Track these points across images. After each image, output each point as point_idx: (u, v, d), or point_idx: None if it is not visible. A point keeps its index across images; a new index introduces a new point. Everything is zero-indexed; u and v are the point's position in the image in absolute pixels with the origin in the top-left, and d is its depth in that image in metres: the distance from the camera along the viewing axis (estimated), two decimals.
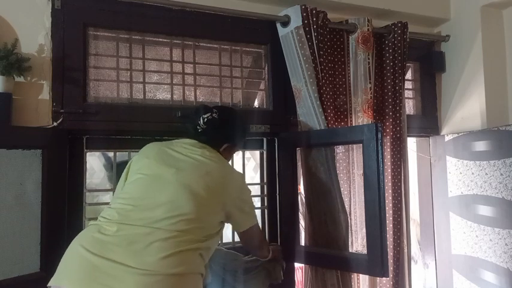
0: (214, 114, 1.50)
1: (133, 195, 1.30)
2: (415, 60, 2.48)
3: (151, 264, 1.12)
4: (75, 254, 1.18)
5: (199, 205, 1.27)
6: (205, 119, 1.48)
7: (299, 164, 2.03)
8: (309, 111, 1.94)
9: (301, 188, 2.12)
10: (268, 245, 1.76)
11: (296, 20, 1.95)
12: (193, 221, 1.24)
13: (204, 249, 1.28)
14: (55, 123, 1.67)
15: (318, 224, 1.93)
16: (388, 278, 2.10)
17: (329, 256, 1.86)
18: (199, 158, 1.38)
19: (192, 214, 1.24)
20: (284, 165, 2.04)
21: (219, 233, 1.40)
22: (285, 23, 2.01)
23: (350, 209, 2.07)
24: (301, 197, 2.20)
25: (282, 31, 2.03)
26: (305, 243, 2.00)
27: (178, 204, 1.25)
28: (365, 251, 1.78)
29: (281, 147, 2.07)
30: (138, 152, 1.50)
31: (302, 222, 2.13)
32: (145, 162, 1.38)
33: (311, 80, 1.92)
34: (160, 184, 1.30)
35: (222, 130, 1.52)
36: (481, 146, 2.14)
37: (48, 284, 1.17)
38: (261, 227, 2.10)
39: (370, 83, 2.09)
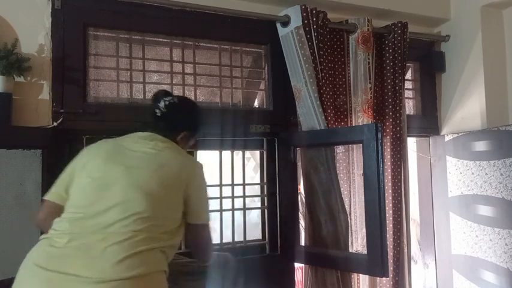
0: (175, 99, 1.46)
1: (83, 202, 1.22)
2: (415, 60, 2.48)
3: (106, 270, 1.07)
4: (29, 272, 1.13)
5: (154, 202, 1.21)
6: (167, 102, 1.42)
7: (299, 164, 2.03)
8: (309, 111, 1.94)
9: (301, 188, 2.12)
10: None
11: (296, 20, 1.95)
12: (150, 218, 1.18)
13: (167, 246, 1.23)
14: (55, 123, 1.67)
15: (317, 224, 1.93)
16: (388, 278, 2.10)
17: (329, 256, 1.86)
18: (151, 151, 1.31)
19: (147, 212, 1.18)
20: (284, 165, 2.04)
21: (182, 225, 1.33)
22: (285, 23, 2.01)
23: (350, 209, 2.07)
24: (301, 197, 2.20)
25: (282, 31, 2.03)
26: (305, 243, 2.00)
27: (130, 204, 1.18)
28: (365, 251, 1.78)
29: (281, 147, 2.07)
30: None
31: (302, 222, 2.13)
32: (94, 164, 1.29)
33: (311, 80, 1.92)
34: (109, 186, 1.22)
35: (181, 116, 1.47)
36: (481, 146, 2.14)
37: None
38: (261, 227, 2.11)
39: (370, 83, 2.09)
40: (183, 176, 1.31)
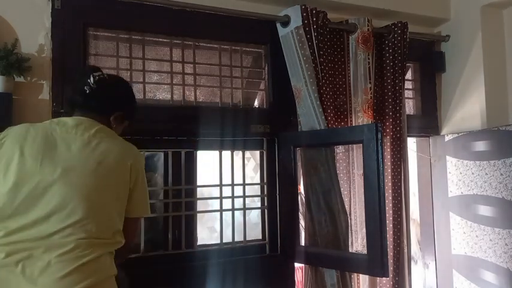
0: (104, 74, 1.31)
1: (16, 212, 1.07)
2: (415, 60, 2.48)
3: (52, 286, 1.01)
4: None
5: (97, 207, 1.12)
6: (96, 77, 1.26)
7: (299, 164, 2.03)
8: (309, 111, 1.94)
9: (301, 188, 2.12)
10: None
11: (296, 20, 1.95)
12: (93, 224, 1.10)
13: (115, 245, 1.18)
14: None
15: (317, 224, 1.93)
16: (388, 278, 2.10)
17: (329, 256, 1.86)
18: (86, 143, 1.18)
19: (89, 218, 1.09)
20: (284, 165, 2.04)
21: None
22: (285, 23, 2.01)
23: (350, 209, 2.07)
24: (301, 196, 2.20)
25: (282, 31, 2.03)
26: (305, 243, 1.99)
27: (71, 210, 1.08)
28: (365, 251, 1.78)
29: (281, 147, 2.06)
30: None
31: (302, 222, 2.13)
32: (24, 163, 1.11)
33: (311, 80, 1.92)
34: (45, 191, 1.08)
35: (113, 92, 1.33)
36: (481, 146, 2.14)
37: None
38: (261, 226, 2.11)
39: (370, 83, 2.09)
40: (125, 171, 1.22)
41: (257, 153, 2.17)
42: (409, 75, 2.54)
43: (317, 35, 1.97)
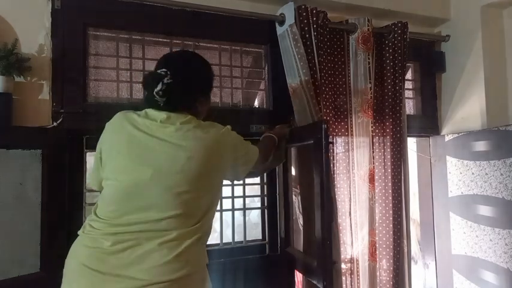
0: (166, 79, 1.23)
1: (117, 204, 1.18)
2: (415, 60, 2.48)
3: (156, 272, 1.09)
4: (80, 274, 1.13)
5: (189, 200, 1.18)
6: (160, 92, 1.22)
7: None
8: (303, 109, 1.93)
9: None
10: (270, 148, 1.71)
11: (289, 18, 1.95)
12: (188, 218, 1.18)
13: (204, 233, 1.24)
14: (55, 123, 1.67)
15: (306, 224, 1.93)
16: (388, 278, 2.10)
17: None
18: (174, 140, 1.20)
19: (183, 214, 1.17)
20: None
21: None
22: (282, 21, 2.01)
23: (350, 209, 2.07)
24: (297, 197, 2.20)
25: (279, 30, 2.03)
26: (303, 244, 1.99)
27: (166, 207, 1.16)
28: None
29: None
30: None
31: (301, 222, 2.13)
32: (118, 162, 1.21)
33: (306, 78, 1.91)
34: (140, 189, 1.17)
35: (185, 91, 1.28)
36: (481, 146, 2.14)
37: None
38: (261, 226, 2.11)
39: (370, 83, 2.09)
40: (214, 157, 1.24)
41: None
42: (409, 75, 2.54)
43: (317, 34, 1.97)
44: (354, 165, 2.09)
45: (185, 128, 1.23)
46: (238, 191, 2.06)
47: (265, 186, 2.10)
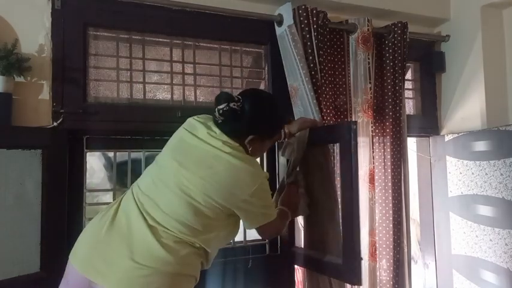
0: (233, 104, 1.27)
1: (149, 186, 1.30)
2: (415, 60, 2.48)
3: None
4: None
5: (199, 214, 1.24)
6: (221, 111, 1.27)
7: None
8: (305, 110, 1.93)
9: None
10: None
11: (288, 19, 1.95)
12: (194, 228, 1.24)
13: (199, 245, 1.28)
14: (55, 123, 1.67)
15: (307, 223, 1.93)
16: (388, 278, 2.10)
17: (311, 259, 1.84)
18: (213, 149, 1.26)
19: (192, 222, 1.23)
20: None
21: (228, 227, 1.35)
22: (280, 22, 2.01)
23: None
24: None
25: (278, 30, 2.03)
26: (304, 244, 1.99)
27: (177, 210, 1.23)
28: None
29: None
30: (138, 151, 1.50)
31: (301, 222, 2.13)
32: (165, 149, 1.37)
33: (306, 79, 1.90)
34: (162, 184, 1.27)
35: (243, 120, 1.30)
36: (481, 146, 2.14)
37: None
38: None
39: (370, 83, 2.09)
40: (231, 183, 1.26)
41: None
42: (409, 75, 2.54)
43: (317, 34, 1.97)
44: None
45: (227, 148, 1.27)
46: None
47: None
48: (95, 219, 1.30)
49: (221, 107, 1.27)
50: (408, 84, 2.50)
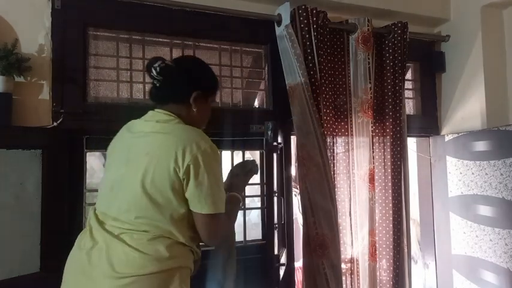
0: (167, 61, 1.25)
1: (102, 203, 1.22)
2: (415, 60, 2.48)
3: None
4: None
5: (156, 202, 1.13)
6: (158, 68, 1.22)
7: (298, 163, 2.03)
8: (303, 110, 1.93)
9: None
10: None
11: (286, 19, 1.95)
12: (160, 218, 1.14)
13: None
14: (55, 123, 1.67)
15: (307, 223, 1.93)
16: (388, 278, 2.10)
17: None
18: (144, 136, 1.20)
19: (155, 212, 1.13)
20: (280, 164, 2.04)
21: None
22: (280, 22, 2.01)
23: (350, 209, 2.07)
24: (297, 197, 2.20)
25: (277, 30, 2.03)
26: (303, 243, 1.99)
27: (137, 209, 1.14)
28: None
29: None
30: None
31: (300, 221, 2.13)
32: (109, 161, 1.30)
33: (304, 79, 1.90)
34: (116, 191, 1.18)
35: (182, 76, 1.26)
36: (481, 146, 2.14)
37: None
38: (261, 226, 2.10)
39: (370, 83, 2.09)
40: (169, 159, 1.12)
41: (257, 153, 2.17)
42: (409, 75, 2.54)
43: (317, 34, 1.97)
44: (354, 165, 2.09)
45: (158, 126, 1.20)
46: None
47: (265, 186, 2.10)
48: (74, 250, 1.22)
49: (156, 64, 1.21)
50: (408, 84, 2.50)
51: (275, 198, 2.04)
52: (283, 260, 2.02)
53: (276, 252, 1.70)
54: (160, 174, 1.12)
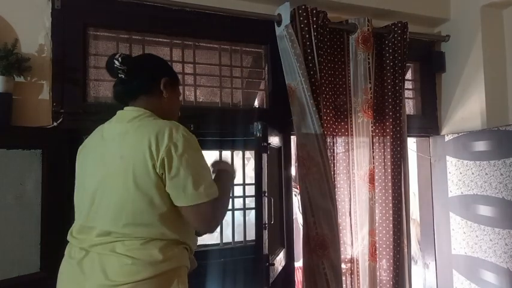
0: (124, 55, 1.24)
1: (83, 216, 1.16)
2: (415, 60, 2.48)
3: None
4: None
5: (140, 202, 1.07)
6: (120, 59, 1.20)
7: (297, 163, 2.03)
8: (303, 110, 1.93)
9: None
10: None
11: (286, 19, 1.95)
12: (148, 219, 1.09)
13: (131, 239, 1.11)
14: (55, 123, 1.67)
15: (307, 223, 1.93)
16: (388, 278, 2.10)
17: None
18: (116, 140, 1.14)
19: (141, 213, 1.08)
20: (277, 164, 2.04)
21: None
22: (280, 22, 2.01)
23: (350, 209, 2.07)
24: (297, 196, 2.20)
25: (277, 30, 2.03)
26: (303, 243, 1.99)
27: (122, 215, 1.08)
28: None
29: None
30: None
31: (300, 221, 2.13)
32: (79, 169, 1.23)
33: (304, 79, 1.90)
34: (97, 204, 1.12)
35: (147, 64, 1.26)
36: (481, 146, 2.14)
37: None
38: None
39: (370, 82, 2.09)
40: (143, 151, 1.06)
41: None
42: (409, 75, 2.54)
43: (317, 34, 1.97)
44: (354, 165, 2.09)
45: (126, 125, 1.15)
46: (238, 191, 2.06)
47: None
48: (64, 260, 1.18)
49: (117, 56, 1.20)
50: (408, 84, 2.50)
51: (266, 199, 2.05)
52: (278, 259, 2.02)
53: (266, 252, 1.69)
54: (140, 174, 1.06)
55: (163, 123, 1.12)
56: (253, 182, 2.21)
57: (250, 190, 2.12)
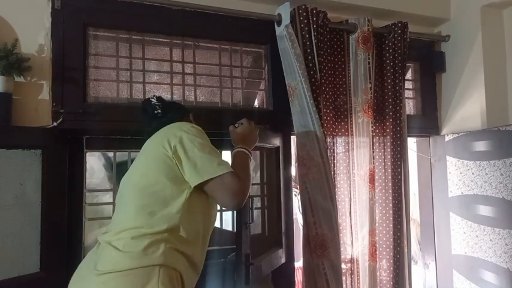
0: (155, 95, 1.50)
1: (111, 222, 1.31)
2: (415, 60, 2.48)
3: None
4: None
5: (142, 192, 1.23)
6: (155, 98, 1.46)
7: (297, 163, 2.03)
8: (303, 110, 1.93)
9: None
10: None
11: (286, 19, 1.95)
12: (146, 210, 1.22)
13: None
14: (55, 123, 1.67)
15: (307, 222, 1.93)
16: (388, 278, 2.10)
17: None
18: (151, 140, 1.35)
19: (140, 204, 1.23)
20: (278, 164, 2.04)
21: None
22: (280, 22, 2.01)
23: (350, 209, 2.07)
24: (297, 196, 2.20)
25: (277, 30, 2.03)
26: (302, 242, 1.99)
27: (127, 207, 1.25)
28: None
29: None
30: (137, 151, 1.45)
31: (300, 221, 2.13)
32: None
33: (304, 79, 1.90)
34: (120, 202, 1.31)
35: (174, 103, 1.58)
36: (481, 146, 2.14)
37: None
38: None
39: (370, 82, 2.09)
40: (158, 147, 1.24)
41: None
42: (409, 75, 2.54)
43: (317, 34, 1.97)
44: (354, 165, 2.09)
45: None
46: None
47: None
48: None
49: (154, 101, 1.45)
50: (408, 84, 2.50)
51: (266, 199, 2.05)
52: (268, 259, 2.00)
53: (247, 251, 1.68)
54: (154, 166, 1.22)
55: (178, 123, 1.34)
56: (254, 182, 2.21)
57: (251, 190, 2.12)
